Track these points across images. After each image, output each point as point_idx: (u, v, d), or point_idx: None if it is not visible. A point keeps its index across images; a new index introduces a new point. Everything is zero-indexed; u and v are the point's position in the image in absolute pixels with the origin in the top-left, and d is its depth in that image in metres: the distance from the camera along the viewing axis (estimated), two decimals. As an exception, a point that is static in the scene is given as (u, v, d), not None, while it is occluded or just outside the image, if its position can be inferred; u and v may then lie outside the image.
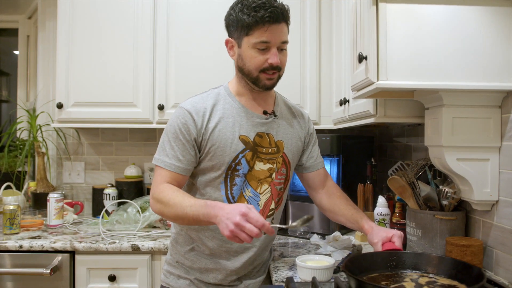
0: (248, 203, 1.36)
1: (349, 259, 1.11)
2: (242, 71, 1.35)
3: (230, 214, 1.10)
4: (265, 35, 1.27)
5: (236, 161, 1.33)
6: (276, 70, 1.32)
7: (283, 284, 1.17)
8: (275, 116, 1.41)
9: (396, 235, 1.29)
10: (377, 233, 1.31)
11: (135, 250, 1.90)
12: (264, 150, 1.37)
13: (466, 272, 1.05)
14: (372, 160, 2.04)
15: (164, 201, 1.25)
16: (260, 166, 1.37)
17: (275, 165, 1.39)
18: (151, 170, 2.70)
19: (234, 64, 1.39)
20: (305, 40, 2.34)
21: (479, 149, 1.32)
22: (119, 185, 2.52)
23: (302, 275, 1.30)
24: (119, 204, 2.38)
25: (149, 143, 2.72)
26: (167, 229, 2.16)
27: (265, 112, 1.40)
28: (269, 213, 1.43)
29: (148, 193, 2.53)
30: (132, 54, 2.32)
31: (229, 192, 1.35)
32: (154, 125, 2.33)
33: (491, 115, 1.32)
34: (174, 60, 2.33)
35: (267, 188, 1.40)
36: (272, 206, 1.43)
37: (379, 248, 1.27)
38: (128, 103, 2.31)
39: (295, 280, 1.20)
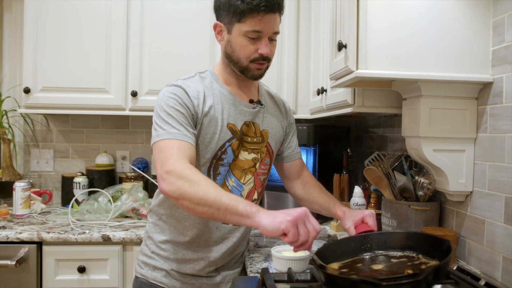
0: (230, 193, 1.31)
1: (321, 248, 1.09)
2: (230, 58, 1.30)
3: (288, 210, 0.99)
4: (258, 24, 1.22)
5: (223, 149, 1.29)
6: (266, 61, 1.28)
7: (259, 275, 1.12)
8: (261, 105, 1.39)
9: (367, 215, 1.27)
10: (348, 217, 1.30)
11: (106, 240, 1.86)
12: (249, 139, 1.34)
13: (438, 246, 1.02)
14: (348, 150, 2.04)
15: (192, 178, 1.07)
16: (244, 156, 1.34)
17: (259, 155, 1.37)
18: (124, 158, 2.64)
19: (221, 49, 1.34)
20: (283, 28, 2.31)
21: (455, 140, 1.33)
22: (90, 174, 2.45)
23: (277, 266, 1.29)
24: (90, 193, 2.31)
25: (122, 131, 2.65)
26: (139, 219, 2.12)
27: (251, 101, 1.37)
28: None
29: (120, 182, 2.48)
30: (104, 38, 2.24)
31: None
32: (127, 112, 2.27)
33: (467, 107, 1.32)
34: (149, 45, 2.26)
35: (251, 178, 1.37)
36: (255, 196, 1.41)
37: (352, 232, 1.25)
38: (100, 89, 2.24)
39: (271, 271, 1.18)
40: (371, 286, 0.83)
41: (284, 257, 1.27)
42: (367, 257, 1.11)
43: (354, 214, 1.29)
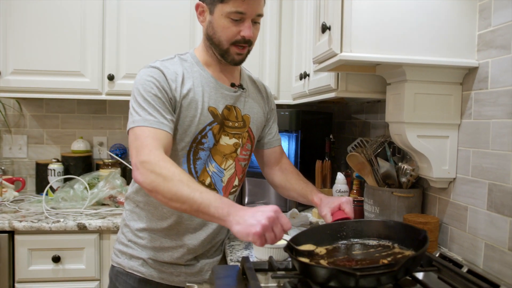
0: (211, 179, 1.31)
1: (296, 235, 1.06)
2: (211, 40, 1.26)
3: (261, 211, 0.97)
4: (242, 5, 1.18)
5: (203, 133, 1.26)
6: (247, 44, 1.25)
7: (239, 264, 1.10)
8: (243, 89, 1.36)
9: (344, 202, 1.26)
10: (325, 204, 1.28)
11: (82, 229, 1.80)
12: (230, 124, 1.32)
13: (414, 236, 1.02)
14: (330, 136, 2.01)
15: (165, 174, 1.05)
16: (225, 141, 1.32)
17: (240, 140, 1.35)
18: (101, 144, 2.56)
19: (203, 31, 1.30)
20: (265, 10, 2.24)
21: (440, 126, 1.31)
22: (65, 160, 2.38)
23: (258, 254, 1.26)
24: (65, 180, 2.25)
25: (99, 116, 2.57)
26: (116, 207, 2.07)
27: (232, 85, 1.34)
28: (232, 190, 1.38)
29: (97, 168, 2.42)
30: (79, 18, 2.15)
31: (192, 166, 1.28)
32: (103, 97, 2.19)
33: (452, 92, 1.30)
34: (126, 27, 2.18)
35: (232, 164, 1.35)
36: (236, 182, 1.39)
37: (329, 219, 1.24)
38: (75, 72, 2.16)
39: (251, 260, 1.15)
40: (345, 276, 0.82)
41: (265, 245, 1.21)
42: (342, 245, 1.10)
43: (331, 201, 1.28)
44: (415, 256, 0.89)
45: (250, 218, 0.95)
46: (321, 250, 1.09)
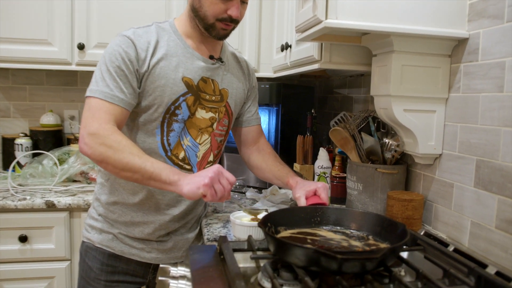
0: (185, 153, 1.29)
1: (267, 215, 1.05)
2: (196, 13, 1.23)
3: (204, 171, 1.07)
4: None
5: (176, 104, 1.24)
6: (233, 23, 1.23)
7: (216, 244, 1.07)
8: (222, 62, 1.34)
9: (321, 188, 1.24)
10: (301, 187, 1.26)
11: (50, 207, 1.73)
12: (207, 97, 1.29)
13: (391, 230, 1.02)
14: (312, 111, 1.96)
15: (114, 145, 1.08)
16: (201, 114, 1.29)
17: (217, 114, 1.33)
18: (72, 118, 2.46)
19: (188, 1, 1.25)
20: (246, -22, 2.14)
21: (427, 100, 1.27)
22: (34, 135, 2.27)
23: (237, 233, 1.21)
24: (34, 155, 2.14)
25: (69, 88, 2.45)
26: (88, 183, 2.00)
27: (211, 57, 1.31)
28: (206, 166, 1.36)
29: (68, 143, 2.32)
30: (44, -19, 2.00)
31: (165, 138, 1.25)
32: (73, 67, 2.08)
33: (440, 65, 1.26)
34: (96, -8, 2.05)
35: (207, 139, 1.33)
36: (211, 158, 1.37)
37: (302, 203, 1.22)
38: (42, 40, 2.02)
39: (229, 239, 1.10)
40: (325, 258, 0.80)
41: (244, 224, 1.19)
42: (316, 231, 1.08)
43: (307, 185, 1.26)
44: (395, 247, 0.87)
45: (197, 177, 1.05)
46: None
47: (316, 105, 2.44)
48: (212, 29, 1.22)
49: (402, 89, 1.25)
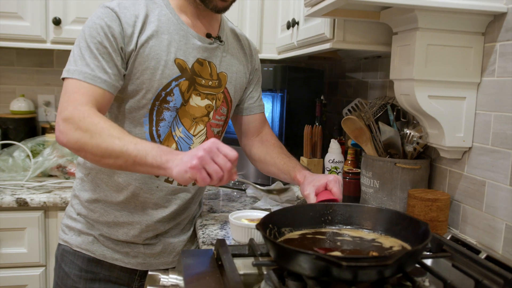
0: (177, 145, 1.27)
1: (268, 215, 1.03)
2: None
3: (195, 149, 0.99)
4: None
5: (168, 89, 1.22)
6: None
7: (213, 248, 1.05)
8: (221, 41, 1.31)
9: (332, 181, 1.23)
10: (309, 182, 1.25)
11: (22, 205, 1.73)
12: (203, 82, 1.27)
13: (412, 229, 1.00)
14: (322, 97, 1.95)
15: (91, 128, 1.04)
16: (196, 101, 1.27)
17: (214, 102, 1.31)
18: (47, 104, 2.45)
19: None
20: None
21: (455, 85, 1.25)
22: (3, 123, 2.27)
23: (236, 236, 1.21)
24: (3, 146, 2.15)
25: (44, 70, 2.44)
26: (66, 178, 2.00)
27: (208, 35, 1.28)
28: None
29: (43, 133, 2.32)
30: None
31: (154, 128, 1.24)
32: (48, 45, 2.07)
33: (472, 44, 1.24)
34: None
35: (202, 130, 1.31)
36: None
37: (312, 200, 1.21)
38: (11, 13, 2.01)
39: (228, 243, 1.08)
40: (328, 265, 0.78)
41: (244, 225, 1.19)
42: (326, 231, 1.07)
43: (317, 179, 1.25)
44: (413, 251, 0.85)
45: (185, 156, 0.98)
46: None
47: (326, 91, 2.43)
48: (208, 0, 1.20)
49: (427, 73, 1.24)
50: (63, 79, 1.13)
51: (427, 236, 0.89)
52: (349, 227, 1.09)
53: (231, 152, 0.99)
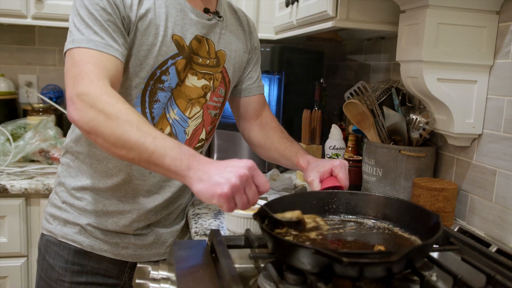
0: (171, 128, 1.25)
1: (266, 204, 1.01)
2: None
3: (231, 166, 0.89)
4: None
5: (163, 68, 1.19)
6: None
7: (206, 239, 1.05)
8: (219, 17, 1.28)
9: (338, 166, 1.21)
10: (313, 168, 1.24)
11: (2, 192, 1.72)
12: (200, 60, 1.25)
13: (422, 220, 0.99)
14: (321, 80, 1.93)
15: (109, 111, 0.96)
16: (192, 81, 1.25)
17: (212, 82, 1.29)
18: (29, 85, 2.43)
19: None
20: None
21: (467, 68, 1.24)
22: (-19, 105, 2.25)
23: (231, 226, 1.20)
24: (-19, 129, 2.11)
25: (25, 48, 2.41)
26: (49, 164, 1.98)
27: (206, 10, 1.25)
28: (197, 145, 1.34)
29: (24, 115, 2.30)
30: None
31: (147, 110, 1.21)
32: (29, 21, 2.03)
33: (485, 23, 1.22)
34: None
35: (199, 112, 1.29)
36: (203, 135, 1.34)
37: (316, 187, 1.20)
38: (-11, -14, 1.95)
39: (223, 233, 1.08)
40: (328, 260, 0.76)
41: (240, 215, 1.17)
42: (330, 221, 1.06)
43: (321, 164, 1.24)
44: (421, 246, 0.83)
45: (217, 175, 0.88)
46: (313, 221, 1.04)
47: (325, 75, 2.43)
48: None
49: (437, 54, 1.22)
50: (68, 51, 1.06)
51: (438, 229, 0.87)
52: (354, 216, 1.07)
53: (265, 185, 0.93)
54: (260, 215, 0.94)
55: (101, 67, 1.03)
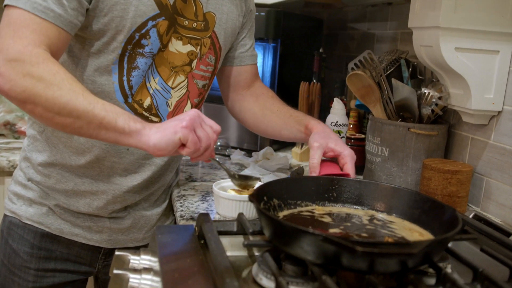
0: (152, 99, 1.22)
1: (264, 185, 1.02)
2: None
3: (177, 117, 1.03)
4: None
5: (143, 31, 1.14)
6: None
7: (193, 224, 1.03)
8: None
9: (348, 156, 1.19)
10: (323, 137, 1.22)
11: None
12: (186, 23, 1.21)
13: (434, 215, 0.97)
14: (321, 50, 1.91)
15: (48, 78, 0.96)
16: (177, 47, 1.21)
17: (199, 48, 1.25)
18: None
19: None
20: None
21: (489, 36, 1.21)
22: None
23: (222, 210, 1.16)
24: None
25: None
26: (15, 138, 1.97)
27: None
28: None
29: None
30: None
31: (125, 78, 1.17)
32: None
33: (511, -14, 1.19)
34: None
35: (183, 82, 1.26)
36: (187, 108, 1.30)
37: (315, 155, 1.17)
38: None
39: (212, 218, 1.09)
40: (336, 250, 0.74)
41: (232, 197, 1.14)
42: (331, 211, 1.04)
43: (333, 139, 1.22)
44: (442, 239, 0.80)
45: (170, 122, 1.00)
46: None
47: (324, 44, 2.40)
48: None
49: (456, 20, 1.19)
50: (6, 6, 1.02)
51: (457, 222, 0.84)
52: (357, 207, 1.05)
53: (215, 125, 1.04)
54: (257, 196, 0.91)
55: (39, 33, 1.00)
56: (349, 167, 1.17)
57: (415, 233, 0.93)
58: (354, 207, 1.05)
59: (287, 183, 1.06)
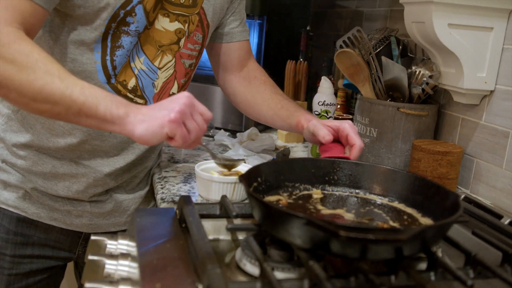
0: (137, 80, 1.17)
1: (257, 167, 0.99)
2: None
3: (167, 101, 0.94)
4: None
5: (128, 8, 1.10)
6: None
7: (174, 207, 0.99)
8: None
9: (348, 126, 1.14)
10: (318, 122, 1.18)
11: None
12: None
13: (437, 201, 0.94)
14: (308, 28, 1.86)
15: (21, 60, 0.91)
16: (163, 24, 1.17)
17: (187, 25, 1.21)
18: None
19: None
20: None
21: (483, 12, 1.18)
22: None
23: (204, 193, 1.14)
24: None
25: None
26: None
27: None
28: None
29: None
30: None
31: (108, 58, 1.12)
32: None
33: (507, -44, 1.16)
34: None
35: (170, 61, 1.22)
36: (174, 89, 1.26)
37: (319, 131, 1.13)
38: None
39: (194, 200, 1.03)
40: (322, 233, 0.71)
41: (215, 179, 1.10)
42: (329, 194, 1.01)
43: (329, 121, 1.19)
44: (436, 226, 0.79)
45: (158, 111, 0.92)
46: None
47: (311, 23, 2.37)
48: None
49: None
50: None
51: (457, 207, 0.81)
52: (357, 190, 1.02)
53: (207, 111, 0.97)
54: (248, 178, 0.88)
55: (11, 9, 0.95)
56: (353, 137, 1.13)
57: (414, 220, 0.91)
58: (353, 191, 1.03)
59: (283, 166, 1.04)
